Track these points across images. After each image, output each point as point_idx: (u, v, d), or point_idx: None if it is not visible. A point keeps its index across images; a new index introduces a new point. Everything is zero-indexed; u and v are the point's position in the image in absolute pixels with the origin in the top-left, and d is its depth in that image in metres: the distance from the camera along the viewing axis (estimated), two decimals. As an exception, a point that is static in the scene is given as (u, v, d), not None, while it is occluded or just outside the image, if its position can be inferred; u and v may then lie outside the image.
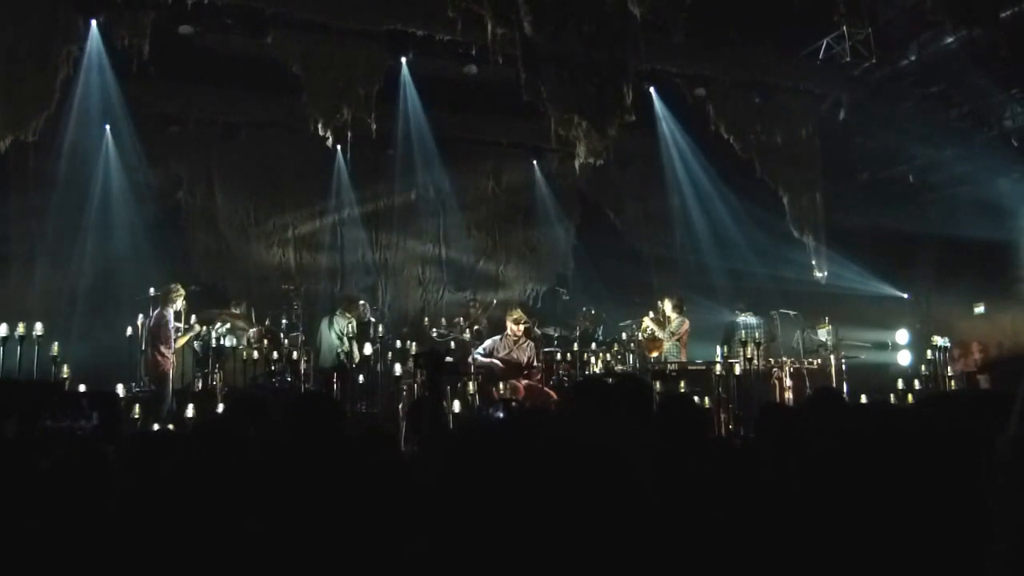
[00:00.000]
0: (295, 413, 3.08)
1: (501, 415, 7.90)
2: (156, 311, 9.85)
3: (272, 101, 12.15)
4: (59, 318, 10.76)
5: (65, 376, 8.16)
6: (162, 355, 9.64)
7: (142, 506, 2.48)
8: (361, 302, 11.96)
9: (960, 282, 12.74)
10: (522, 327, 10.29)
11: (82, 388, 8.12)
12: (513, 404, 8.90)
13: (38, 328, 7.94)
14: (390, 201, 14.10)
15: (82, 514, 2.57)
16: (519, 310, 10.60)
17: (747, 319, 11.53)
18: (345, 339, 10.54)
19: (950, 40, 11.29)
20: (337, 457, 2.93)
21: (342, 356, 10.43)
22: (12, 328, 7.69)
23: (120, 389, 8.12)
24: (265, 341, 10.97)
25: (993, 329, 12.65)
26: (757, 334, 10.52)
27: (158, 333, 9.70)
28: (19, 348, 7.60)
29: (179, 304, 9.96)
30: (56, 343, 8.24)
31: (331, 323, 10.78)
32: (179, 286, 10.07)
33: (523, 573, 1.05)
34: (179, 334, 9.90)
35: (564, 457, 1.12)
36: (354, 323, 10.74)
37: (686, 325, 10.88)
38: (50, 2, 9.70)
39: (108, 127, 11.86)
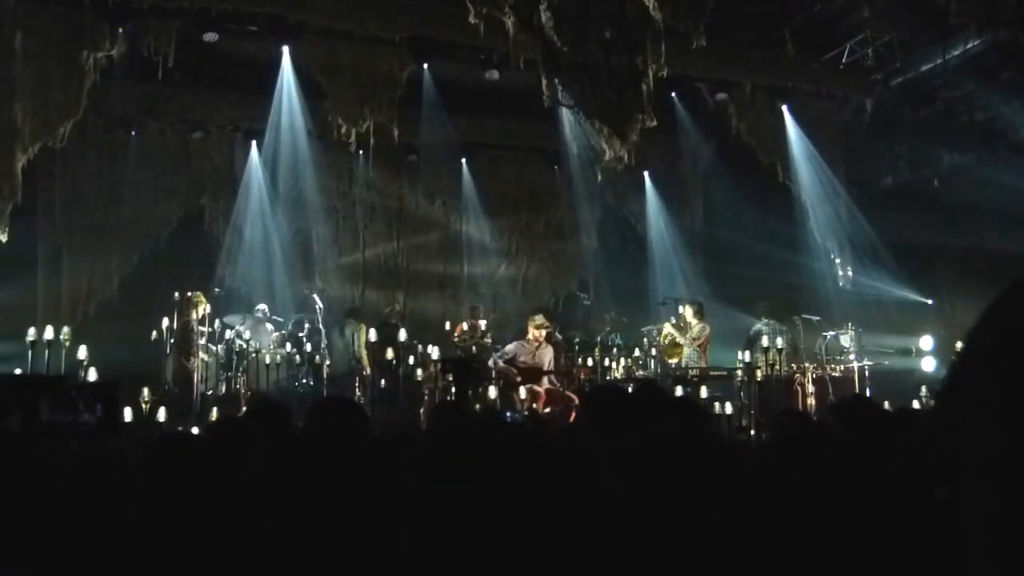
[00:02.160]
0: (317, 417, 3.11)
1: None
2: (180, 319, 9.96)
3: (295, 107, 12.25)
4: (86, 321, 10.92)
5: (92, 379, 8.24)
6: (187, 359, 9.76)
7: (162, 509, 2.51)
8: (396, 305, 12.05)
9: (985, 288, 12.49)
10: (543, 332, 10.29)
11: (87, 380, 8.10)
12: (532, 408, 8.92)
13: (65, 331, 8.04)
14: (412, 206, 14.18)
15: (101, 515, 2.61)
16: (540, 315, 10.60)
17: (769, 325, 11.45)
18: (354, 344, 10.62)
19: (974, 44, 11.19)
20: (360, 461, 2.95)
21: (353, 362, 10.49)
22: (40, 331, 7.79)
23: (146, 392, 8.20)
24: (288, 345, 11.06)
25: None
26: (779, 340, 10.44)
27: (182, 339, 9.83)
28: (47, 351, 7.70)
29: (201, 310, 10.05)
30: (83, 346, 8.33)
31: (341, 331, 10.88)
32: (200, 293, 10.16)
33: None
34: (202, 340, 9.98)
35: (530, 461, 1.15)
36: (363, 329, 10.81)
37: (707, 331, 10.84)
38: (77, 10, 9.85)
39: (134, 132, 12.02)
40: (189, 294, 10.12)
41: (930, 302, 13.68)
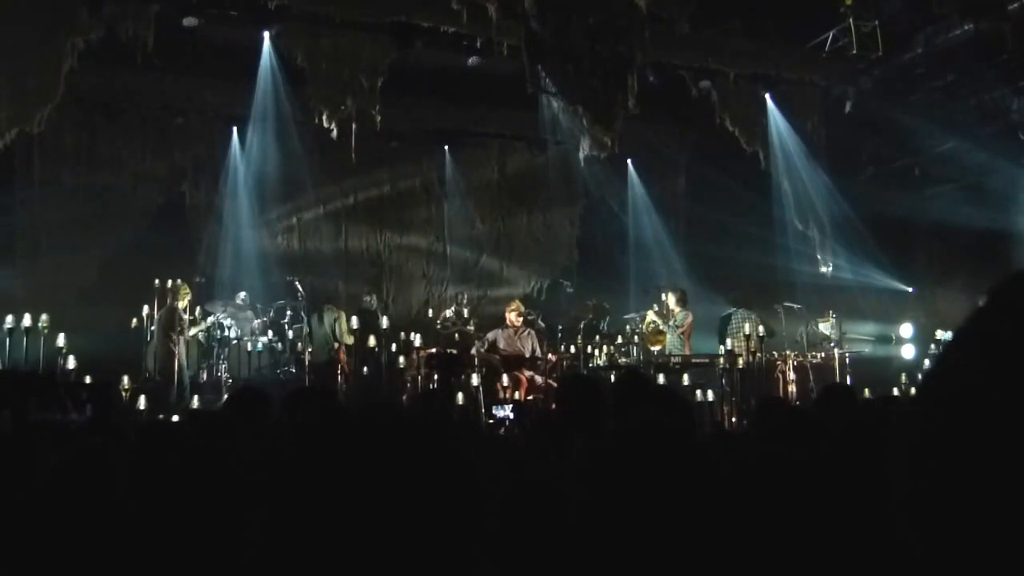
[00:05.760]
0: (291, 408, 3.09)
1: (508, 414, 7.94)
2: (166, 305, 9.89)
3: (276, 92, 12.14)
4: (65, 309, 10.81)
5: (71, 367, 8.18)
6: (174, 344, 9.71)
7: (144, 499, 2.49)
8: (366, 296, 11.99)
9: (965, 276, 12.70)
10: (521, 318, 10.30)
11: (75, 379, 8.08)
12: (515, 400, 8.93)
13: (44, 319, 7.97)
14: (394, 193, 14.11)
15: (87, 508, 2.58)
16: (517, 301, 10.61)
17: (740, 313, 11.39)
18: (334, 332, 10.57)
19: (957, 32, 11.23)
20: (336, 451, 2.93)
21: (332, 351, 10.45)
22: (18, 319, 7.73)
23: (125, 380, 8.14)
24: (269, 332, 11.01)
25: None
26: (747, 327, 10.45)
27: (167, 327, 9.76)
28: (25, 339, 7.64)
29: (186, 301, 10.01)
30: (62, 334, 8.26)
31: (321, 318, 10.83)
32: (183, 282, 10.11)
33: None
34: (188, 326, 9.94)
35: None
36: (343, 317, 10.77)
37: (690, 319, 10.86)
38: (55, -7, 9.71)
39: (113, 119, 11.88)
40: (175, 282, 10.04)
41: (910, 290, 13.77)
